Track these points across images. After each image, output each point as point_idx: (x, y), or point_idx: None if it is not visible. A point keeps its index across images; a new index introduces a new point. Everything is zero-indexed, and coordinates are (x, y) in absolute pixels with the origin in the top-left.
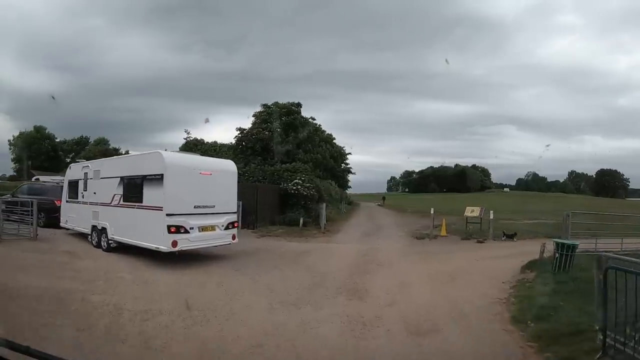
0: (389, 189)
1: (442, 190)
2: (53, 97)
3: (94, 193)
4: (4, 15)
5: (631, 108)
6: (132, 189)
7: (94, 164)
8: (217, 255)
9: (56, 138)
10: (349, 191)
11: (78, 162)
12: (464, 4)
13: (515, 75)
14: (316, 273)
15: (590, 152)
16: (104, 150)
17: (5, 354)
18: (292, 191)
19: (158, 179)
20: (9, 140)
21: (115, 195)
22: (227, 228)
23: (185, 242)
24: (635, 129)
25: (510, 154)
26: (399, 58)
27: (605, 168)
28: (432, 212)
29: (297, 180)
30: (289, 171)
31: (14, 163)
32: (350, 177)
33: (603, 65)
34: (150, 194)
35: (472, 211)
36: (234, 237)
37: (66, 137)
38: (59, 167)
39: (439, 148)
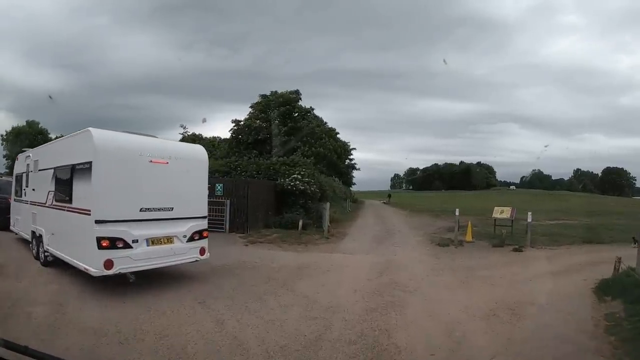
0: (392, 186)
1: (447, 188)
2: (50, 97)
3: (33, 190)
4: (13, 15)
5: (633, 107)
6: (62, 184)
7: (35, 153)
8: (182, 274)
9: (49, 133)
10: (353, 188)
11: (23, 151)
12: (467, 5)
13: (518, 75)
14: (317, 309)
15: (592, 150)
16: None
17: (3, 354)
18: (290, 188)
19: (87, 169)
20: (1, 136)
21: (49, 192)
22: (191, 239)
23: (126, 262)
24: (637, 127)
25: (513, 152)
26: (402, 57)
27: (611, 166)
28: (457, 213)
29: (295, 176)
30: (286, 165)
31: (6, 159)
32: (354, 174)
33: (605, 65)
34: (79, 191)
35: (502, 212)
36: (202, 252)
37: (54, 130)
38: None
39: (441, 146)
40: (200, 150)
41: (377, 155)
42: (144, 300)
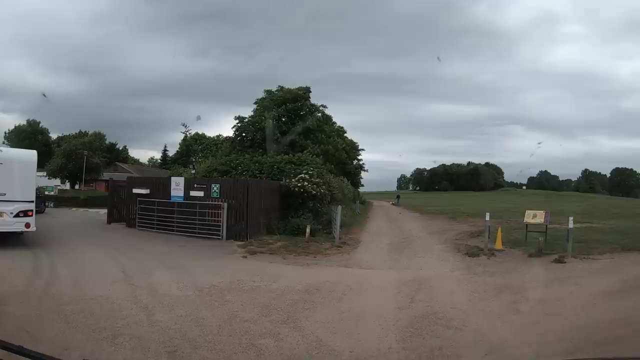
0: (399, 187)
1: (454, 188)
2: (44, 95)
3: None
4: (35, 20)
5: (635, 110)
6: None
7: None
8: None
9: (49, 132)
10: (360, 190)
11: None
12: (471, 16)
13: (522, 80)
14: None
15: (597, 151)
16: (87, 142)
17: None
18: (297, 189)
19: None
20: (4, 133)
21: None
22: (17, 216)
23: None
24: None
25: (519, 153)
26: (409, 63)
27: (620, 167)
28: (487, 217)
29: (303, 175)
30: (292, 163)
31: None
32: (362, 174)
33: (606, 71)
34: None
35: (534, 216)
36: (28, 226)
37: (64, 132)
38: None
39: (448, 147)
40: (27, 154)
41: (384, 156)
42: None
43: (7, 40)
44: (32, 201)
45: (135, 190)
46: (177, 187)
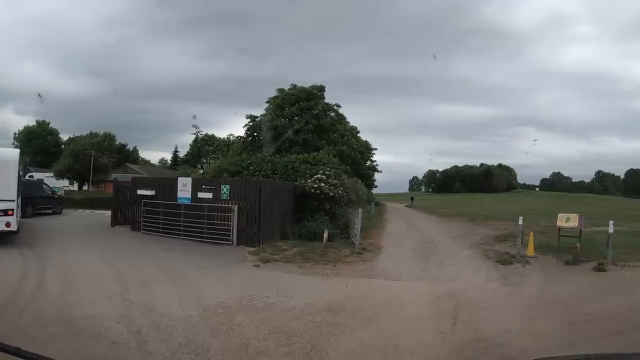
0: (411, 188)
1: (467, 190)
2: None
3: None
4: (49, 24)
5: None
6: None
7: None
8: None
9: (59, 133)
10: (374, 191)
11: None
12: (481, 16)
13: (533, 80)
14: None
15: (609, 152)
16: (95, 142)
17: None
18: (313, 191)
19: None
20: (14, 134)
21: None
22: None
23: None
24: None
25: (531, 154)
26: (419, 64)
27: (635, 168)
28: (520, 222)
29: (319, 176)
30: (307, 163)
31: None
32: (375, 176)
33: (617, 71)
34: None
35: (568, 219)
36: (8, 225)
37: (76, 134)
38: None
39: (459, 148)
40: (7, 153)
41: (395, 157)
42: None
43: (21, 44)
44: (13, 200)
45: (139, 192)
46: (184, 188)
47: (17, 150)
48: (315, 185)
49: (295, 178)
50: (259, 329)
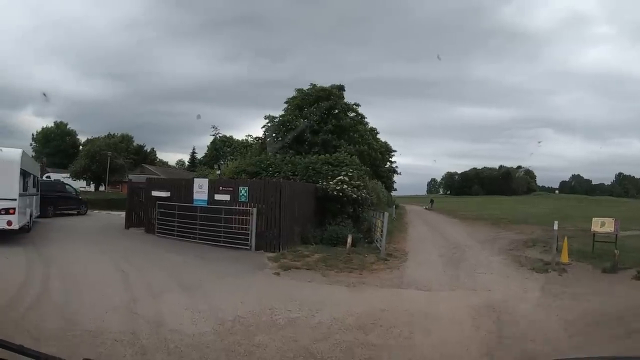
0: (429, 190)
1: (486, 192)
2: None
3: None
4: (69, 27)
5: None
6: None
7: None
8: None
9: (77, 134)
10: (393, 194)
11: None
12: (499, 18)
13: (552, 82)
14: None
15: (630, 154)
16: (112, 143)
17: None
18: (335, 193)
19: None
20: (32, 135)
21: None
22: None
23: None
24: None
25: (551, 157)
26: (437, 66)
27: None
28: (555, 227)
29: (341, 177)
30: (329, 164)
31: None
32: (395, 178)
33: (637, 72)
34: None
35: (603, 224)
36: (9, 223)
37: (94, 135)
38: None
39: (477, 150)
40: (10, 153)
41: (413, 159)
42: None
43: (42, 47)
44: (15, 199)
45: (154, 193)
46: (200, 189)
47: (20, 151)
48: (337, 187)
49: (316, 180)
50: (282, 352)
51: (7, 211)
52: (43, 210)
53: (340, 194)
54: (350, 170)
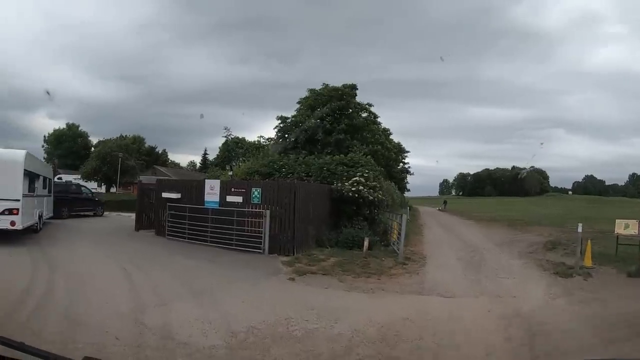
0: (441, 192)
1: (498, 193)
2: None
3: None
4: (81, 31)
5: None
6: None
7: None
8: None
9: (89, 136)
10: (405, 195)
11: None
12: (510, 18)
13: (564, 82)
14: None
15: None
16: (123, 144)
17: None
18: (351, 195)
19: None
20: (44, 137)
21: None
22: (2, 213)
23: None
24: None
25: (563, 157)
26: (448, 67)
27: None
28: (579, 229)
29: (357, 178)
30: (344, 165)
31: (46, 162)
32: (408, 178)
33: None
34: None
35: (627, 226)
36: (13, 224)
37: (107, 137)
38: None
39: (489, 151)
40: (13, 154)
41: (425, 160)
42: None
43: (55, 50)
44: (18, 200)
45: (164, 194)
46: (211, 191)
47: (24, 152)
48: (353, 189)
49: (331, 180)
50: None
51: (10, 211)
52: (57, 212)
53: (356, 196)
54: (366, 170)
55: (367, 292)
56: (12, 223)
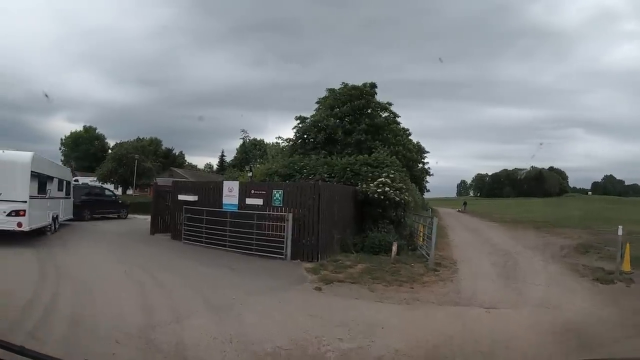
0: (459, 193)
1: (517, 194)
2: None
3: None
4: (100, 36)
5: None
6: None
7: None
8: None
9: (105, 138)
10: (424, 196)
11: None
12: (527, 17)
13: (582, 81)
14: None
15: None
16: (139, 146)
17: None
18: (376, 196)
19: None
20: (60, 139)
21: None
22: (9, 215)
23: None
24: None
25: (581, 157)
26: (465, 68)
27: None
28: (620, 232)
29: (383, 179)
30: (368, 165)
31: (63, 164)
32: (427, 179)
33: None
34: None
35: None
36: (20, 225)
37: (124, 140)
38: None
39: (508, 151)
40: (20, 156)
41: (444, 161)
42: None
43: (74, 54)
44: (25, 201)
45: (181, 197)
46: (230, 193)
47: (30, 154)
48: (379, 190)
49: (355, 182)
50: None
51: (17, 213)
52: (78, 214)
53: (382, 197)
54: (392, 171)
55: (401, 303)
56: (19, 224)
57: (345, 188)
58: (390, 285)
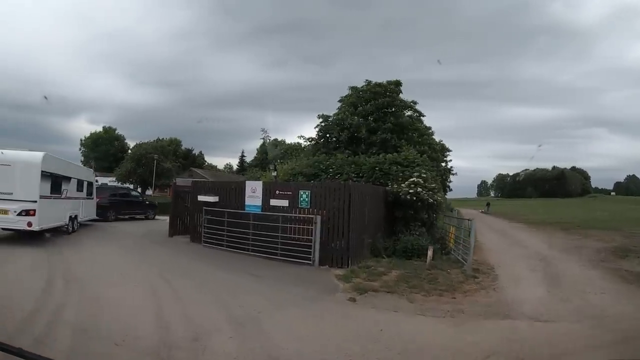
0: (479, 193)
1: (539, 195)
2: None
3: None
4: (120, 39)
5: None
6: None
7: None
8: None
9: (124, 139)
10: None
11: None
12: (546, 15)
13: (603, 79)
14: None
15: None
16: (158, 146)
17: None
18: (408, 197)
19: None
20: (80, 140)
21: None
22: (20, 214)
23: None
24: None
25: (603, 157)
26: (484, 67)
27: None
28: None
29: (415, 179)
30: (398, 164)
31: (83, 165)
32: (451, 179)
33: None
34: None
35: None
36: (30, 224)
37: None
38: None
39: (529, 151)
40: (33, 157)
41: (462, 161)
42: None
43: (95, 57)
44: (35, 201)
45: (200, 198)
46: (253, 194)
47: (41, 154)
48: (411, 191)
49: (384, 182)
50: None
51: (27, 212)
52: (103, 214)
53: (414, 198)
54: (423, 171)
55: (445, 316)
56: (29, 224)
57: (375, 188)
58: (430, 295)
